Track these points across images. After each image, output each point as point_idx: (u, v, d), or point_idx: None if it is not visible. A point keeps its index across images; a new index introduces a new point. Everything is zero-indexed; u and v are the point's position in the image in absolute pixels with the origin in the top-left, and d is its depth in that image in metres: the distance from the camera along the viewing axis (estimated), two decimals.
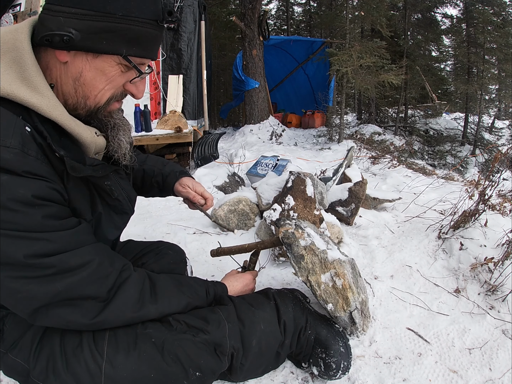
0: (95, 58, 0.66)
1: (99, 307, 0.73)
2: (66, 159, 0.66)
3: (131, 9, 0.63)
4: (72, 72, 0.67)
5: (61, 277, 0.67)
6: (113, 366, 0.75)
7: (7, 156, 0.58)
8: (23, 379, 0.79)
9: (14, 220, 0.61)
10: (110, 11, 0.62)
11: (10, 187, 0.59)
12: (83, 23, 0.62)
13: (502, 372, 1.01)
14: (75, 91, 0.69)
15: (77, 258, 0.69)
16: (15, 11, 3.93)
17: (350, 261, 1.15)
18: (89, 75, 0.67)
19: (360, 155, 4.49)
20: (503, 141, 8.49)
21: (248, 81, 6.19)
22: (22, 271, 0.64)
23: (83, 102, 0.70)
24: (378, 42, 5.08)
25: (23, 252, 0.62)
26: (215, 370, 0.85)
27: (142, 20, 0.65)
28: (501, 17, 7.40)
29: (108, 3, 0.61)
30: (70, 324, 0.72)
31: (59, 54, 0.65)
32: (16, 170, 0.60)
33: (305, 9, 12.56)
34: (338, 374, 0.96)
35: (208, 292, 0.95)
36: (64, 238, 0.68)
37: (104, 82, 0.69)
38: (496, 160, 1.57)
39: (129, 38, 0.66)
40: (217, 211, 1.88)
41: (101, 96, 0.71)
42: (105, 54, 0.66)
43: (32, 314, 0.68)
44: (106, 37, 0.64)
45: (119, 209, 0.88)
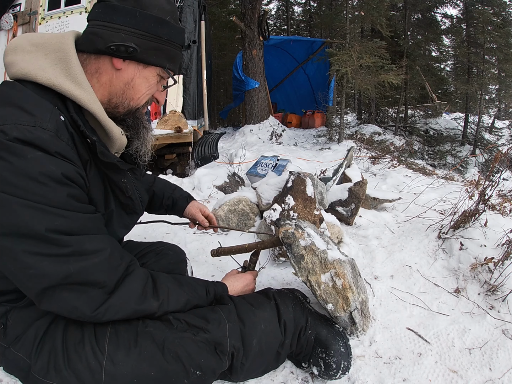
0: (144, 69, 0.82)
1: (104, 296, 0.74)
2: (97, 144, 0.75)
3: (171, 35, 0.82)
4: (124, 77, 0.80)
5: (75, 259, 0.69)
6: (114, 363, 0.76)
7: (44, 136, 0.65)
8: (23, 374, 0.79)
9: (42, 193, 0.65)
10: (160, 35, 0.79)
11: (43, 163, 0.65)
12: (140, 41, 0.78)
13: (502, 372, 1.01)
14: (123, 93, 0.82)
15: (92, 243, 0.72)
16: (15, 11, 3.93)
17: (350, 261, 1.15)
18: (138, 81, 0.82)
19: (360, 155, 4.49)
20: (503, 141, 8.49)
21: (248, 81, 6.19)
22: (39, 246, 0.66)
23: (127, 102, 0.83)
24: (378, 42, 5.08)
25: (45, 225, 0.65)
26: (216, 370, 0.85)
27: (177, 44, 0.84)
28: (501, 17, 7.40)
29: (159, 29, 0.79)
30: (73, 311, 0.72)
31: (116, 62, 0.79)
32: (49, 149, 0.66)
33: (305, 9, 12.56)
34: (338, 374, 0.96)
35: (208, 291, 0.96)
36: (83, 220, 0.72)
37: (146, 88, 0.84)
38: (496, 160, 1.57)
39: (170, 56, 0.84)
40: (217, 211, 1.88)
41: (142, 99, 0.85)
42: (152, 66, 0.82)
43: (40, 294, 0.69)
44: (156, 54, 0.81)
45: (131, 208, 0.94)
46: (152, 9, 0.78)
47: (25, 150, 0.63)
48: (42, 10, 3.84)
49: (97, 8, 0.78)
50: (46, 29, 3.79)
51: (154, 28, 0.78)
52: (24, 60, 0.72)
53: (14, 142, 0.63)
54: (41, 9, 3.84)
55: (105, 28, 0.76)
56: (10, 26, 3.90)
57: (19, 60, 0.72)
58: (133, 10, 0.76)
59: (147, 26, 0.77)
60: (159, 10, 0.78)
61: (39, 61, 0.73)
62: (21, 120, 0.64)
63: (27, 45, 0.75)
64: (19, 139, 0.63)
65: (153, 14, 0.78)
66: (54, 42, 0.76)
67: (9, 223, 0.64)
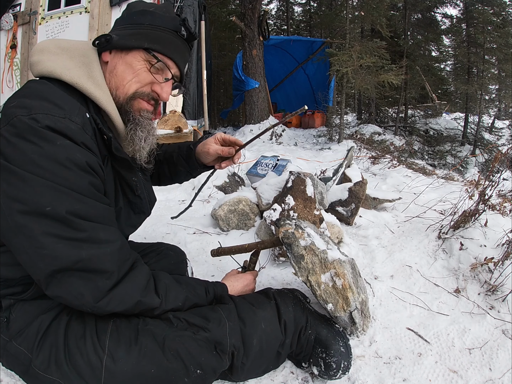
0: (126, 55, 0.84)
1: (109, 286, 0.75)
2: (113, 140, 0.80)
3: (155, 21, 0.84)
4: (110, 68, 0.84)
5: (88, 245, 0.72)
6: (114, 360, 0.76)
7: (72, 127, 0.71)
8: (23, 369, 0.79)
9: (67, 176, 0.69)
10: (139, 22, 0.84)
11: (70, 150, 0.70)
12: (121, 32, 0.84)
13: (502, 372, 1.01)
14: (109, 83, 0.84)
15: (106, 233, 0.75)
16: (15, 11, 3.93)
17: (350, 261, 1.15)
18: (120, 68, 0.84)
19: (360, 155, 4.49)
20: (503, 141, 8.48)
21: (248, 81, 6.19)
22: (57, 227, 0.69)
23: (115, 93, 0.84)
24: (378, 42, 5.08)
25: (66, 206, 0.69)
26: (216, 369, 0.85)
27: (163, 28, 0.85)
28: (501, 17, 7.40)
29: (140, 19, 0.84)
30: (78, 297, 0.73)
31: (104, 56, 0.84)
32: (76, 140, 0.71)
33: (305, 9, 12.56)
34: (338, 374, 0.96)
35: (207, 291, 0.96)
36: (100, 209, 0.75)
37: (131, 74, 0.84)
38: (496, 160, 1.57)
39: (152, 37, 0.83)
40: (217, 211, 1.88)
41: (128, 86, 0.85)
42: (133, 49, 0.83)
43: (49, 276, 0.70)
44: (135, 37, 0.83)
45: (139, 207, 0.97)
46: (138, 7, 0.86)
47: (55, 138, 0.68)
48: (42, 10, 3.84)
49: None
50: (46, 29, 3.79)
51: (135, 19, 0.84)
52: (51, 60, 0.78)
53: (46, 129, 0.67)
54: (41, 9, 3.84)
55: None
56: (10, 26, 3.90)
57: (45, 60, 0.78)
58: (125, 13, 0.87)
59: (129, 19, 0.85)
60: (144, 6, 0.86)
61: (65, 62, 0.79)
62: (52, 112, 0.69)
63: (54, 47, 0.81)
64: (50, 127, 0.68)
65: (137, 10, 0.85)
66: (79, 47, 0.83)
67: (32, 202, 0.67)
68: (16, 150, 0.67)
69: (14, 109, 0.69)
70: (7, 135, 0.67)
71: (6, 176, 0.67)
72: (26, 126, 0.67)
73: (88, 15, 3.71)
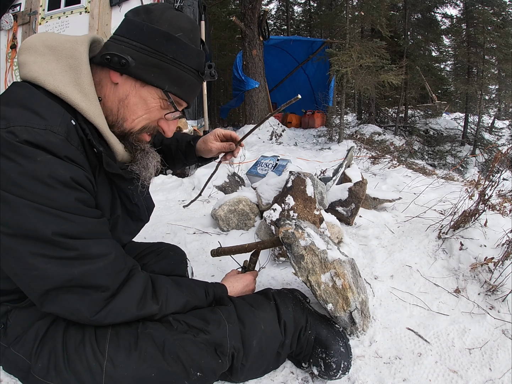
0: (141, 87, 0.76)
1: (105, 300, 0.74)
2: (103, 155, 0.73)
3: (179, 55, 0.74)
4: (119, 93, 0.76)
5: (80, 262, 0.69)
6: (114, 365, 0.76)
7: (54, 140, 0.64)
8: (23, 374, 0.79)
9: (50, 196, 0.64)
10: (163, 52, 0.73)
11: (51, 166, 0.64)
12: (139, 55, 0.73)
13: (502, 372, 1.01)
14: (117, 111, 0.77)
15: (98, 247, 0.72)
16: (15, 11, 3.93)
17: (350, 261, 1.15)
18: (133, 100, 0.76)
19: (360, 155, 4.49)
20: (503, 141, 8.48)
21: (248, 81, 6.19)
22: (45, 248, 0.65)
23: (121, 122, 0.78)
24: (378, 42, 5.08)
25: (52, 228, 0.65)
26: (216, 370, 0.85)
27: (186, 66, 0.76)
28: (501, 17, 7.40)
29: (163, 45, 0.73)
30: (75, 313, 0.72)
31: (113, 75, 0.75)
32: (59, 153, 0.65)
33: (305, 9, 12.57)
34: (338, 374, 0.96)
35: (207, 293, 0.96)
36: (90, 224, 0.71)
37: (144, 110, 0.78)
38: (496, 160, 1.57)
39: (173, 78, 0.76)
40: (217, 211, 1.88)
41: (137, 122, 0.79)
42: (151, 85, 0.76)
43: (42, 296, 0.69)
44: (155, 72, 0.74)
45: (136, 215, 0.94)
46: (162, 23, 0.73)
47: (35, 153, 0.62)
48: (42, 10, 3.84)
49: (120, 24, 0.78)
50: (46, 29, 3.79)
51: (157, 43, 0.73)
52: (36, 63, 0.71)
53: (24, 145, 0.62)
54: (41, 9, 3.84)
55: (113, 40, 0.76)
56: (10, 26, 3.90)
57: (30, 62, 0.71)
58: (141, 23, 0.73)
59: (150, 40, 0.73)
60: (170, 26, 0.73)
61: (50, 66, 0.71)
62: (31, 123, 0.64)
63: (41, 46, 0.72)
64: (29, 141, 0.62)
65: (160, 28, 0.73)
66: (67, 46, 0.73)
67: (16, 224, 0.63)
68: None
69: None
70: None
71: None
72: (3, 142, 0.61)
73: (88, 15, 3.71)
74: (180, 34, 0.74)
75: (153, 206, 1.07)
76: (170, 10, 0.76)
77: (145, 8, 0.75)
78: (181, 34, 0.74)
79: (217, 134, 1.11)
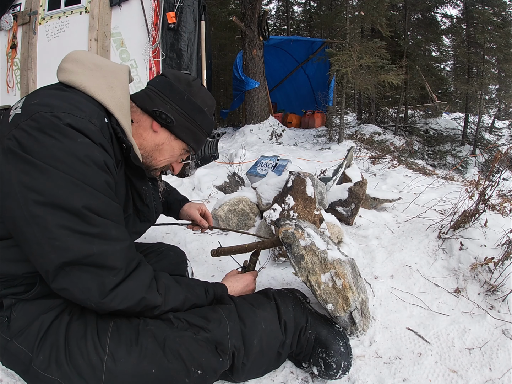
0: (174, 140, 0.95)
1: (116, 283, 0.76)
2: (132, 150, 0.84)
3: (203, 123, 0.97)
4: (157, 139, 0.94)
5: (99, 241, 0.74)
6: (115, 360, 0.76)
7: (92, 128, 0.74)
8: (24, 368, 0.79)
9: (85, 172, 0.71)
10: (195, 120, 0.95)
11: (89, 148, 0.72)
12: (179, 118, 0.93)
13: (502, 372, 1.01)
14: (151, 150, 0.94)
15: (117, 231, 0.78)
16: (15, 11, 3.93)
17: (350, 261, 1.15)
18: (165, 147, 0.95)
19: (360, 155, 4.49)
20: (503, 141, 8.49)
21: (248, 81, 6.19)
22: (71, 220, 0.71)
23: (150, 159, 0.95)
24: (378, 42, 5.08)
25: (82, 201, 0.71)
26: (217, 369, 0.85)
27: (205, 132, 0.99)
28: (501, 17, 7.40)
29: (196, 115, 0.95)
30: (85, 291, 0.74)
31: (155, 125, 0.92)
32: (95, 140, 0.74)
33: (305, 9, 12.56)
34: (338, 374, 0.96)
35: (207, 291, 0.96)
36: (113, 207, 0.78)
37: (169, 155, 0.97)
38: (496, 160, 1.57)
39: (196, 138, 0.98)
40: (217, 211, 1.88)
41: (163, 162, 0.98)
42: (181, 140, 0.96)
43: (58, 268, 0.71)
44: (187, 132, 0.95)
45: (145, 215, 1.01)
46: (197, 98, 0.94)
47: (76, 135, 0.71)
48: (42, 10, 3.84)
49: (159, 79, 0.94)
50: (46, 29, 3.79)
51: (192, 113, 0.94)
52: (85, 74, 0.82)
53: (67, 127, 0.70)
54: (41, 9, 3.84)
55: (158, 95, 0.91)
56: (10, 26, 3.90)
57: (79, 73, 0.81)
58: (183, 93, 0.92)
59: (188, 109, 0.93)
60: (202, 101, 0.95)
61: (98, 80, 0.82)
62: (74, 112, 0.72)
63: (89, 62, 0.84)
64: (71, 125, 0.71)
65: (196, 102, 0.94)
66: (112, 69, 0.87)
67: (49, 193, 0.69)
68: (37, 143, 0.69)
69: (36, 106, 0.72)
70: (28, 129, 0.69)
71: (25, 167, 0.68)
72: (48, 122, 0.69)
73: (88, 15, 3.70)
74: (206, 109, 0.97)
75: (161, 210, 1.15)
76: (202, 88, 0.98)
77: (187, 81, 0.94)
78: (207, 109, 0.97)
79: (202, 209, 1.37)
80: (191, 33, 4.22)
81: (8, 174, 0.69)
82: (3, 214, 0.73)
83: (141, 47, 3.61)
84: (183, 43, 4.17)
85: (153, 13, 3.58)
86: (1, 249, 0.77)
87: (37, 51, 3.77)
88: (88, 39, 3.60)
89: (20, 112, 0.72)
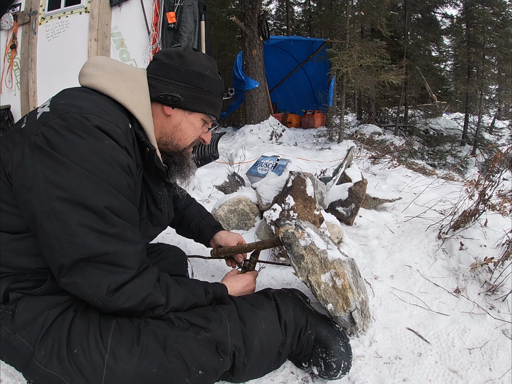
0: (189, 115, 0.96)
1: (125, 281, 0.78)
2: (155, 152, 0.87)
3: (211, 86, 0.95)
4: (173, 122, 0.95)
5: (116, 241, 0.76)
6: (116, 359, 0.77)
7: (118, 131, 0.77)
8: (25, 362, 0.79)
9: (109, 173, 0.74)
10: (201, 87, 0.93)
11: (115, 150, 0.75)
12: (185, 92, 0.92)
13: (502, 372, 1.02)
14: (172, 134, 0.96)
15: (133, 233, 0.80)
16: (15, 11, 3.93)
17: (350, 261, 1.15)
18: (184, 125, 0.96)
19: (360, 155, 4.49)
20: (503, 141, 8.48)
21: (248, 81, 6.18)
22: (92, 219, 0.73)
23: (175, 142, 0.98)
24: (378, 42, 5.08)
25: (105, 201, 0.73)
26: (217, 369, 0.85)
27: (216, 93, 0.97)
28: (501, 17, 7.40)
29: (200, 82, 0.93)
30: (93, 286, 0.75)
31: (166, 109, 0.93)
32: (121, 143, 0.77)
33: (305, 9, 12.55)
34: (338, 374, 0.96)
35: (207, 291, 0.97)
36: (132, 210, 0.81)
37: (192, 131, 0.98)
38: (496, 160, 1.57)
39: (210, 103, 0.97)
40: (217, 211, 1.88)
41: (189, 140, 0.99)
42: (196, 112, 0.96)
43: (72, 263, 0.73)
44: (198, 102, 0.95)
45: (158, 220, 1.02)
46: (194, 65, 0.93)
47: (103, 137, 0.73)
48: (42, 10, 3.84)
49: (152, 64, 0.94)
50: (46, 29, 3.79)
51: (196, 81, 0.92)
52: (105, 77, 0.85)
53: (95, 128, 0.73)
54: (41, 9, 3.83)
55: (157, 81, 0.92)
56: (10, 26, 3.90)
57: (100, 76, 0.85)
58: (179, 67, 0.91)
59: (190, 80, 0.92)
60: (200, 66, 0.93)
61: (118, 84, 0.85)
62: (102, 115, 0.75)
63: (109, 67, 0.87)
64: (99, 127, 0.73)
65: (195, 70, 0.92)
66: (132, 73, 0.90)
67: (74, 191, 0.71)
68: (65, 141, 0.71)
69: (66, 106, 0.74)
70: (57, 127, 0.71)
71: (51, 164, 0.70)
72: (77, 122, 0.72)
73: (88, 15, 3.70)
74: (208, 72, 0.94)
75: (173, 215, 1.15)
76: (197, 53, 0.95)
77: (178, 54, 0.93)
78: (209, 71, 0.95)
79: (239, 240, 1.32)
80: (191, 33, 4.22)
81: (34, 169, 0.71)
82: (23, 207, 0.74)
83: (141, 47, 3.60)
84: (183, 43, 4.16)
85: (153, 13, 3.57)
86: (17, 242, 0.78)
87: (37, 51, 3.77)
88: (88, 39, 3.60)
89: (49, 110, 0.74)
